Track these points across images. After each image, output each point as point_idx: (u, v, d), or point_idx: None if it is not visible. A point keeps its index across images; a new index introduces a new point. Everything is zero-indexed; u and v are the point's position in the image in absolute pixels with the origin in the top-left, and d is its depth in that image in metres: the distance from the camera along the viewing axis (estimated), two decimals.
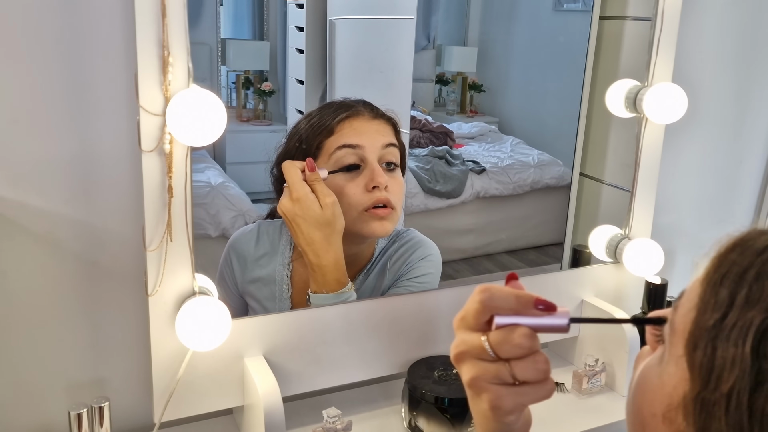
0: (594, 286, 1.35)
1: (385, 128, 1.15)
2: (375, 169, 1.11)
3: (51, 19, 0.92)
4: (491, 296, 0.58)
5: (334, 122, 1.12)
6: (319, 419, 1.04)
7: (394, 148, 1.15)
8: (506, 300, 0.58)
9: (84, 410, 0.93)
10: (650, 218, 1.37)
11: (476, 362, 0.58)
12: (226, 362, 1.03)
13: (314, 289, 1.09)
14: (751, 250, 0.46)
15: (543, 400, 0.59)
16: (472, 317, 0.59)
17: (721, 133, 1.65)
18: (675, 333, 0.49)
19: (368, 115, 1.15)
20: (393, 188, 1.12)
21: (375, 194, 1.10)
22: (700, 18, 1.50)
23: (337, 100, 1.18)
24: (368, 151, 1.11)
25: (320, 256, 1.06)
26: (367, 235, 1.13)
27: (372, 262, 1.21)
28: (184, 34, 0.87)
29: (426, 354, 1.19)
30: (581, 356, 1.32)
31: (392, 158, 1.15)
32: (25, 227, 0.97)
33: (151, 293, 0.94)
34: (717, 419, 0.44)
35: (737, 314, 0.44)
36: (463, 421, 1.07)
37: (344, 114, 1.13)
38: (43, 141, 0.96)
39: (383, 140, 1.13)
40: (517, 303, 0.58)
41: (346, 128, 1.12)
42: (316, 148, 1.12)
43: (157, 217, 0.92)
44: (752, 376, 0.42)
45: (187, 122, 0.85)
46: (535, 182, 1.59)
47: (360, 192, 1.10)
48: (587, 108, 1.43)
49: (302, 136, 1.14)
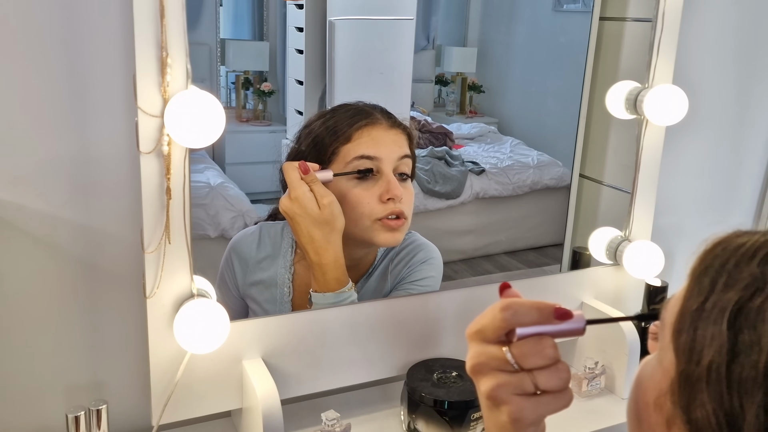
0: (594, 289, 1.34)
1: (401, 138, 1.14)
2: (391, 181, 1.10)
3: (50, 20, 0.92)
4: (515, 313, 0.57)
5: (351, 129, 1.11)
6: (317, 422, 1.04)
7: (408, 159, 1.15)
8: (529, 315, 0.58)
9: (82, 413, 0.93)
10: (650, 220, 1.36)
11: (497, 374, 0.58)
12: (225, 365, 1.03)
13: (315, 288, 1.09)
14: (732, 246, 0.50)
15: (563, 409, 0.59)
16: (492, 332, 0.58)
17: (721, 135, 1.64)
18: (664, 326, 0.53)
19: (386, 123, 1.13)
20: (406, 199, 1.12)
21: (389, 206, 1.10)
22: (701, 19, 1.49)
23: (352, 103, 1.16)
24: (384, 162, 1.11)
25: (320, 254, 1.06)
26: (378, 244, 1.14)
27: (374, 265, 1.21)
28: (183, 35, 0.87)
29: (425, 356, 1.19)
30: (581, 359, 1.32)
31: (406, 169, 1.14)
32: (24, 229, 0.97)
33: (149, 295, 0.94)
34: (700, 392, 0.47)
35: (716, 297, 0.48)
36: (462, 423, 1.07)
37: (363, 121, 1.12)
38: (42, 143, 0.95)
39: (399, 152, 1.13)
40: (539, 315, 0.58)
41: (364, 137, 1.11)
42: (332, 153, 1.11)
43: (156, 219, 0.91)
44: (729, 348, 0.46)
45: (186, 124, 0.84)
46: (534, 183, 1.59)
47: (374, 202, 1.10)
48: (587, 109, 1.43)
49: (317, 139, 1.12)
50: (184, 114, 0.84)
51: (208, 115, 0.85)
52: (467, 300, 1.22)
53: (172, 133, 0.86)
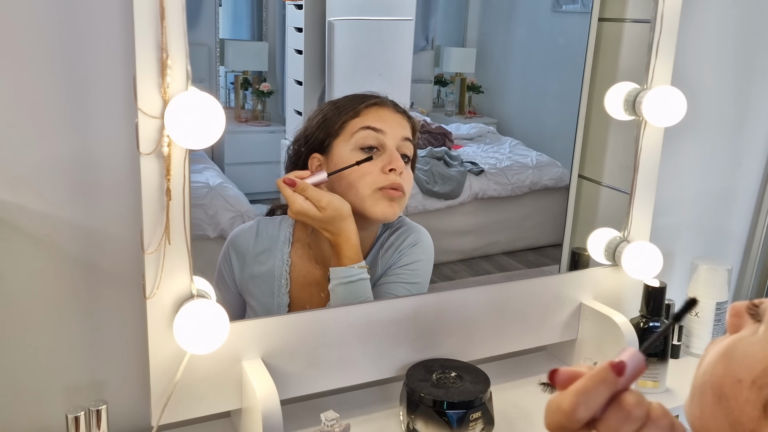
0: (593, 289, 1.35)
1: (406, 124, 1.21)
2: (394, 154, 1.16)
3: (50, 21, 0.92)
4: (587, 406, 0.52)
5: (361, 106, 1.18)
6: (317, 422, 1.04)
7: (410, 143, 1.20)
8: (599, 395, 0.53)
9: (81, 413, 0.93)
10: (649, 221, 1.37)
11: None
12: (224, 365, 1.03)
13: (332, 265, 1.14)
14: None
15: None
16: (572, 424, 0.53)
17: (720, 136, 1.65)
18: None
19: (393, 108, 1.20)
20: (406, 177, 1.18)
21: (391, 176, 1.15)
22: (700, 20, 1.49)
23: (364, 92, 1.23)
24: (389, 137, 1.17)
25: (335, 237, 1.12)
26: (374, 216, 1.15)
27: (369, 252, 1.22)
28: (183, 36, 0.87)
29: (424, 357, 1.19)
30: (579, 359, 1.32)
31: (407, 151, 1.20)
32: (24, 230, 0.97)
33: (149, 296, 0.94)
34: None
35: None
36: (462, 424, 1.07)
37: (372, 101, 1.19)
38: (42, 143, 0.95)
39: (403, 132, 1.19)
40: (606, 387, 0.53)
41: (371, 113, 1.18)
42: (339, 126, 1.17)
43: (155, 220, 0.92)
44: None
45: (186, 125, 0.85)
46: (533, 183, 1.59)
47: (377, 172, 1.15)
48: (586, 109, 1.43)
49: (327, 116, 1.19)
50: (184, 115, 0.84)
51: (208, 117, 0.85)
52: (466, 300, 1.23)
53: (172, 134, 0.86)
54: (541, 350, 1.43)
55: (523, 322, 1.29)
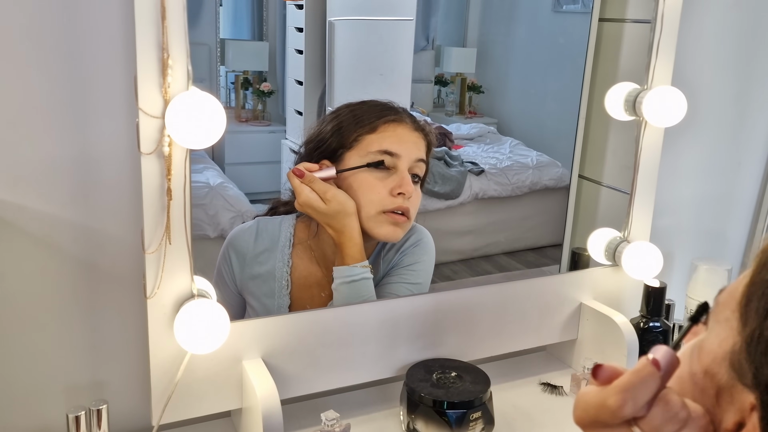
0: (593, 289, 1.35)
1: (422, 143, 1.19)
2: (405, 177, 1.15)
3: (51, 21, 0.92)
4: (634, 403, 0.53)
5: (379, 121, 1.16)
6: (317, 422, 1.04)
7: (423, 164, 1.19)
8: (646, 391, 0.53)
9: (82, 413, 0.93)
10: (649, 221, 1.37)
11: None
12: (225, 365, 1.03)
13: (336, 264, 1.14)
14: None
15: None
16: (612, 419, 0.53)
17: (720, 136, 1.65)
18: (718, 304, 0.51)
19: (411, 125, 1.18)
20: (414, 200, 1.17)
21: (398, 200, 1.14)
22: (700, 21, 1.49)
23: (383, 101, 1.21)
24: (402, 160, 1.15)
25: (339, 235, 1.13)
26: (377, 237, 1.16)
27: (371, 253, 1.22)
28: (184, 36, 0.87)
29: (424, 357, 1.19)
30: (579, 359, 1.32)
31: (419, 172, 1.19)
32: (24, 229, 0.97)
33: (149, 296, 0.94)
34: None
35: None
36: (461, 423, 1.07)
37: (391, 116, 1.17)
38: (43, 143, 0.95)
39: (418, 154, 1.18)
40: (654, 383, 0.53)
41: (389, 131, 1.16)
42: (354, 140, 1.15)
43: (156, 220, 0.92)
44: None
45: (187, 125, 0.85)
46: (533, 183, 1.59)
47: (385, 192, 1.14)
48: (586, 109, 1.43)
49: (342, 123, 1.17)
50: (185, 115, 0.84)
51: (209, 117, 0.85)
52: (466, 300, 1.23)
53: (173, 134, 0.86)
54: (541, 350, 1.43)
55: (523, 322, 1.29)
